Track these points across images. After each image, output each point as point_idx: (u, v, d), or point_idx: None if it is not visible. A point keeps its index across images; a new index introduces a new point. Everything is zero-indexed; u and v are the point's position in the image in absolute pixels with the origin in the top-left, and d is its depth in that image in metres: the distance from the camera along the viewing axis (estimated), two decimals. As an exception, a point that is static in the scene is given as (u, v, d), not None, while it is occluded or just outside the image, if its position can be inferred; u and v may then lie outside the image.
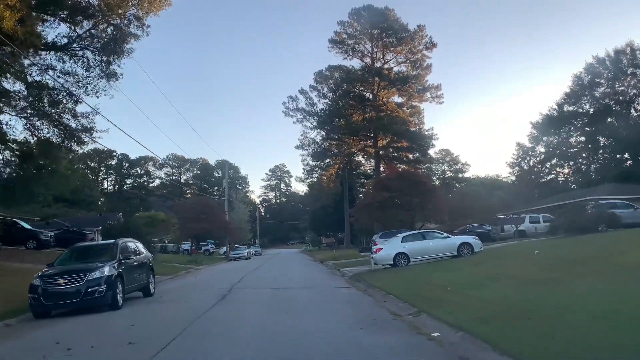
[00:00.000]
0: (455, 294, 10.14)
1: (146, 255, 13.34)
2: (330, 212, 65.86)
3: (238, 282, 16.31)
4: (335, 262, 27.67)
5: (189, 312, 9.65)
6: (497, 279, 11.28)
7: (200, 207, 43.33)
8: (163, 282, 18.51)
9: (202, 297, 12.37)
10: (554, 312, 6.71)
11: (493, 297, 8.84)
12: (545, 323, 6.07)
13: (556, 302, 7.42)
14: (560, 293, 8.23)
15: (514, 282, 10.27)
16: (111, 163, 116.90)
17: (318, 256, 42.53)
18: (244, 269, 25.45)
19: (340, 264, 25.18)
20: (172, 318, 9.19)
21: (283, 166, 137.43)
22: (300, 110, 61.01)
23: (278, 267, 26.47)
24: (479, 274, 13.06)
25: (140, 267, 12.41)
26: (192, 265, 30.20)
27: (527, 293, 8.69)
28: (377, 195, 33.36)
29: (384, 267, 18.61)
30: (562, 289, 8.60)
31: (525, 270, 11.74)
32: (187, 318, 8.67)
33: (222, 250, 54.26)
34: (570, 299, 7.60)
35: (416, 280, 13.60)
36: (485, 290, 9.78)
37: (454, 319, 7.09)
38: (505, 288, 9.74)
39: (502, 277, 11.46)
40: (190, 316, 8.91)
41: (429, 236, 19.07)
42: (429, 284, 12.51)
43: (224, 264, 35.77)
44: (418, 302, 9.47)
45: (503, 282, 10.70)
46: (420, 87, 49.62)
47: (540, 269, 11.52)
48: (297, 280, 16.79)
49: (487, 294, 9.27)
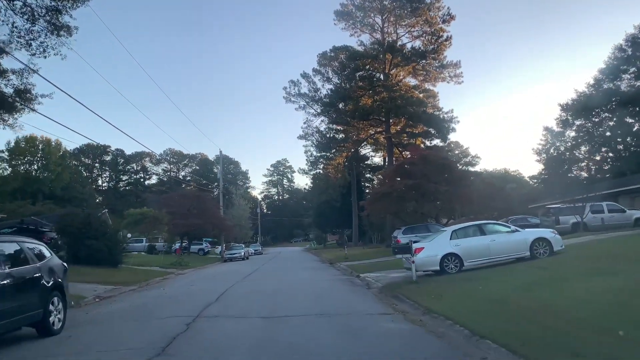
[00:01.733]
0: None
1: (47, 266, 7.83)
2: (336, 206, 60.31)
3: (215, 302, 10.84)
4: (350, 265, 22.19)
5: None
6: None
7: (190, 201, 37.94)
8: (110, 300, 13.07)
9: (132, 341, 6.92)
10: None
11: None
12: None
13: None
14: None
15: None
16: (105, 159, 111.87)
17: (325, 255, 37.06)
18: (234, 275, 20.02)
19: (357, 267, 19.73)
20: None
21: (285, 161, 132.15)
22: (303, 95, 55.45)
23: (278, 272, 20.98)
24: (610, 290, 7.64)
25: (24, 287, 6.93)
26: (174, 270, 24.80)
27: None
28: (396, 184, 27.82)
29: (424, 273, 13.18)
30: None
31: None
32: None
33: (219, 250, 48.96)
34: None
35: (502, 301, 8.12)
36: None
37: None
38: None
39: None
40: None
41: (488, 230, 13.53)
42: (536, 310, 7.07)
43: (216, 267, 30.31)
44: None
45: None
46: (438, 64, 43.90)
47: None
48: (304, 297, 11.29)
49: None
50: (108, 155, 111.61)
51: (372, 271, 17.22)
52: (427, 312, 8.39)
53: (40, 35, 19.43)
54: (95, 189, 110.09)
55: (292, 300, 10.74)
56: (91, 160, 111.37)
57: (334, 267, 23.64)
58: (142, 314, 9.63)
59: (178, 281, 18.89)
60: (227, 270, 25.03)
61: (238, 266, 28.58)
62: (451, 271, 12.91)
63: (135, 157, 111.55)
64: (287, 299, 11.01)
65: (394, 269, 17.31)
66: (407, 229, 24.76)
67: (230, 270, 24.58)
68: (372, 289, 12.64)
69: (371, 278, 15.01)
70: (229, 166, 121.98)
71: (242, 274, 20.59)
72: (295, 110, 56.60)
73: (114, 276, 18.61)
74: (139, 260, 28.93)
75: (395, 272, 15.88)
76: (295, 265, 26.80)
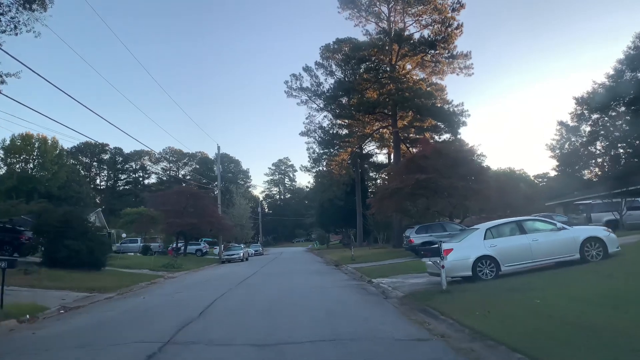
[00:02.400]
0: None
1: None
2: (339, 205, 58.04)
3: (197, 318, 8.63)
4: (358, 267, 19.96)
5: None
6: None
7: (185, 199, 35.72)
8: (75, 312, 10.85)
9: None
10: None
11: None
12: None
13: None
14: None
15: None
16: (104, 157, 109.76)
17: (329, 256, 34.84)
18: (228, 280, 17.83)
19: (367, 271, 17.50)
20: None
21: (287, 160, 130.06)
22: (305, 90, 53.26)
23: (278, 277, 18.70)
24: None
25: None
26: (164, 273, 22.60)
27: None
28: (407, 179, 25.54)
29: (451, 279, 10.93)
30: None
31: None
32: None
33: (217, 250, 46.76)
34: None
35: (590, 327, 5.85)
36: None
37: None
38: None
39: None
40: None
41: (529, 227, 11.28)
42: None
43: (211, 269, 28.09)
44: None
45: None
46: (448, 54, 41.58)
47: None
48: (309, 311, 9.05)
49: None
50: (106, 154, 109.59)
51: (385, 275, 15.00)
52: (477, 336, 6.16)
53: (10, 9, 17.41)
54: (94, 188, 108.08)
55: (294, 317, 8.51)
56: (89, 159, 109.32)
57: (340, 269, 21.41)
58: (99, 337, 7.42)
59: (164, 287, 16.67)
60: (222, 273, 22.82)
61: (235, 268, 26.37)
62: (486, 277, 10.70)
63: (134, 155, 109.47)
64: (287, 314, 8.78)
65: (410, 272, 15.14)
66: (421, 227, 22.53)
67: (226, 273, 22.38)
68: (391, 299, 10.41)
69: (386, 284, 12.79)
70: (230, 165, 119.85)
71: (237, 278, 18.38)
72: (297, 105, 54.39)
73: (94, 281, 16.45)
74: (130, 262, 26.79)
75: (414, 278, 13.67)
76: (297, 267, 24.56)
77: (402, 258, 22.94)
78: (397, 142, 43.34)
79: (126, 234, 47.45)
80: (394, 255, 26.09)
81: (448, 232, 22.12)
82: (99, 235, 20.80)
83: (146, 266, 24.88)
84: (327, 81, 52.09)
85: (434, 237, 21.97)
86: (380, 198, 28.40)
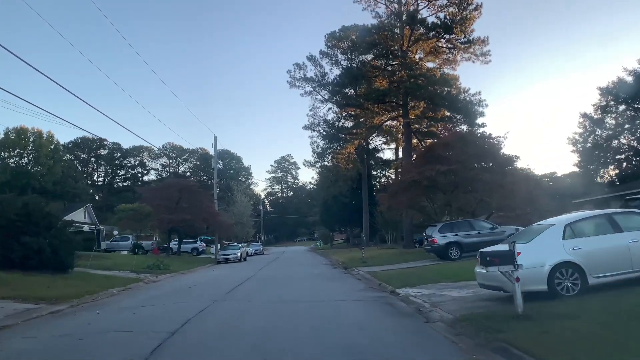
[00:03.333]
0: None
1: None
2: (345, 202, 54.95)
3: (149, 356, 5.50)
4: (372, 271, 16.85)
5: None
6: None
7: (178, 193, 32.64)
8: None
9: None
10: None
11: None
12: None
13: None
14: None
15: None
16: (102, 153, 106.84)
17: (335, 257, 31.75)
18: (217, 286, 14.76)
19: (384, 277, 14.38)
20: None
21: (289, 157, 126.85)
22: (309, 80, 50.28)
23: (277, 283, 15.47)
24: None
25: None
26: (146, 275, 19.52)
27: None
28: (425, 171, 22.38)
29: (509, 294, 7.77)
30: None
31: None
32: None
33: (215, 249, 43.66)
34: None
35: None
36: None
37: None
38: None
39: None
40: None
41: (624, 223, 8.12)
42: None
43: (203, 271, 24.97)
44: None
45: None
46: (464, 39, 38.37)
47: None
48: (321, 349, 5.86)
49: None
50: (104, 150, 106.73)
51: (411, 284, 11.88)
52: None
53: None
54: (91, 184, 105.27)
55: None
56: (87, 155, 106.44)
57: (350, 274, 18.28)
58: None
59: (136, 296, 13.56)
60: (213, 276, 19.73)
61: (230, 270, 23.26)
62: (567, 293, 7.58)
63: (132, 151, 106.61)
64: (289, 353, 5.64)
65: (442, 281, 12.04)
66: (445, 226, 19.37)
67: (217, 277, 19.28)
68: (435, 324, 7.27)
69: (419, 298, 9.65)
70: (231, 161, 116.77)
71: (229, 284, 15.28)
72: (300, 96, 51.46)
73: (52, 288, 13.40)
74: (112, 262, 23.73)
75: (452, 289, 10.54)
76: (300, 270, 21.40)
77: (421, 260, 19.84)
78: (408, 135, 40.10)
79: (118, 231, 44.47)
80: (409, 257, 22.97)
81: (477, 231, 19.01)
82: (67, 232, 17.69)
83: (129, 267, 21.81)
84: (333, 71, 49.14)
85: (460, 236, 18.87)
86: (393, 193, 25.26)
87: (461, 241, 18.70)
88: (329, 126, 50.15)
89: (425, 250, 20.28)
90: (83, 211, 44.68)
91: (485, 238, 18.87)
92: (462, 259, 18.17)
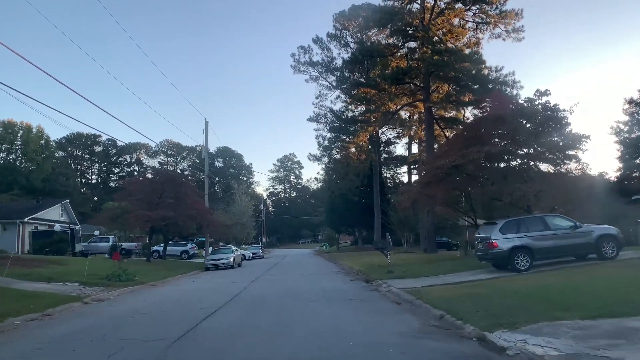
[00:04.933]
0: None
1: None
2: (353, 201, 49.59)
3: None
4: (412, 289, 11.50)
5: None
6: None
7: (160, 186, 27.42)
8: None
9: None
10: None
11: None
12: None
13: None
14: None
15: None
16: (96, 150, 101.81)
17: (346, 262, 26.44)
18: (174, 318, 9.32)
19: (443, 300, 9.02)
20: None
21: (293, 156, 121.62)
22: (315, 64, 45.08)
23: (272, 312, 9.72)
24: None
25: None
26: (98, 289, 14.27)
27: None
28: (471, 152, 17.03)
29: None
30: None
31: None
32: None
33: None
34: None
35: None
36: None
37: None
38: None
39: None
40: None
41: None
42: None
43: (179, 282, 19.53)
44: None
45: None
46: (495, 9, 33.13)
47: None
48: None
49: None
50: (99, 146, 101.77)
51: (510, 322, 6.59)
52: None
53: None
54: (85, 182, 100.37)
55: None
56: (81, 151, 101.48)
57: (378, 290, 12.91)
58: None
59: (40, 333, 8.25)
60: (188, 293, 14.38)
61: (214, 282, 17.90)
62: None
63: (128, 148, 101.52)
64: None
65: (563, 315, 6.73)
66: (508, 223, 13.96)
67: (191, 294, 13.94)
68: None
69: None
70: (231, 159, 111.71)
71: (198, 310, 9.96)
72: (305, 82, 46.18)
73: None
74: (61, 269, 18.44)
75: (610, 339, 5.20)
76: (307, 283, 15.93)
77: (471, 271, 14.55)
78: (430, 122, 34.77)
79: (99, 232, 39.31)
80: (447, 265, 17.65)
81: (553, 232, 13.65)
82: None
83: (82, 277, 16.54)
84: (341, 54, 44.12)
85: (531, 238, 13.52)
86: (424, 183, 19.86)
87: (531, 245, 13.36)
88: (336, 117, 44.93)
89: (478, 258, 14.90)
90: (59, 208, 39.45)
91: (566, 241, 13.60)
92: (533, 271, 12.90)
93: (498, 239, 13.54)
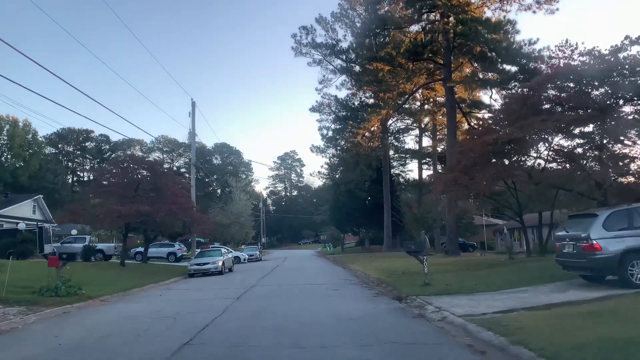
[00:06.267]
0: None
1: None
2: (361, 197, 45.12)
3: None
4: (489, 320, 6.92)
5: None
6: None
7: (136, 175, 22.93)
8: None
9: None
10: None
11: None
12: None
13: None
14: None
15: None
16: (88, 146, 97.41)
17: (358, 267, 21.94)
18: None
19: (568, 344, 4.44)
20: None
21: (294, 153, 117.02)
22: (319, 46, 40.54)
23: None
24: None
25: None
26: (18, 310, 9.76)
27: None
28: (533, 122, 12.44)
29: None
30: None
31: None
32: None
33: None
34: None
35: None
36: None
37: None
38: None
39: None
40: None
41: None
42: None
43: (151, 294, 14.99)
44: None
45: None
46: (525, -22, 28.63)
47: None
48: None
49: None
50: (91, 142, 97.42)
51: None
52: None
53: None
54: (76, 180, 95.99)
55: None
56: (72, 147, 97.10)
57: (426, 317, 8.36)
58: None
59: None
60: (133, 319, 9.69)
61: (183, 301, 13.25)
62: None
63: (122, 144, 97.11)
64: None
65: None
66: (614, 214, 9.38)
67: (142, 320, 9.35)
68: None
69: None
70: (230, 156, 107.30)
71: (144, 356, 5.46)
72: (308, 65, 41.71)
73: None
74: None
75: None
76: (316, 305, 11.12)
77: (547, 285, 10.08)
78: (452, 105, 30.22)
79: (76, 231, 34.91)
80: (500, 275, 13.16)
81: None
82: None
83: (7, 288, 12.01)
84: (347, 36, 39.91)
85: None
86: (466, 166, 15.21)
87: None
88: (342, 105, 40.54)
89: (563, 266, 10.27)
90: (31, 204, 34.99)
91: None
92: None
93: (601, 239, 8.99)
